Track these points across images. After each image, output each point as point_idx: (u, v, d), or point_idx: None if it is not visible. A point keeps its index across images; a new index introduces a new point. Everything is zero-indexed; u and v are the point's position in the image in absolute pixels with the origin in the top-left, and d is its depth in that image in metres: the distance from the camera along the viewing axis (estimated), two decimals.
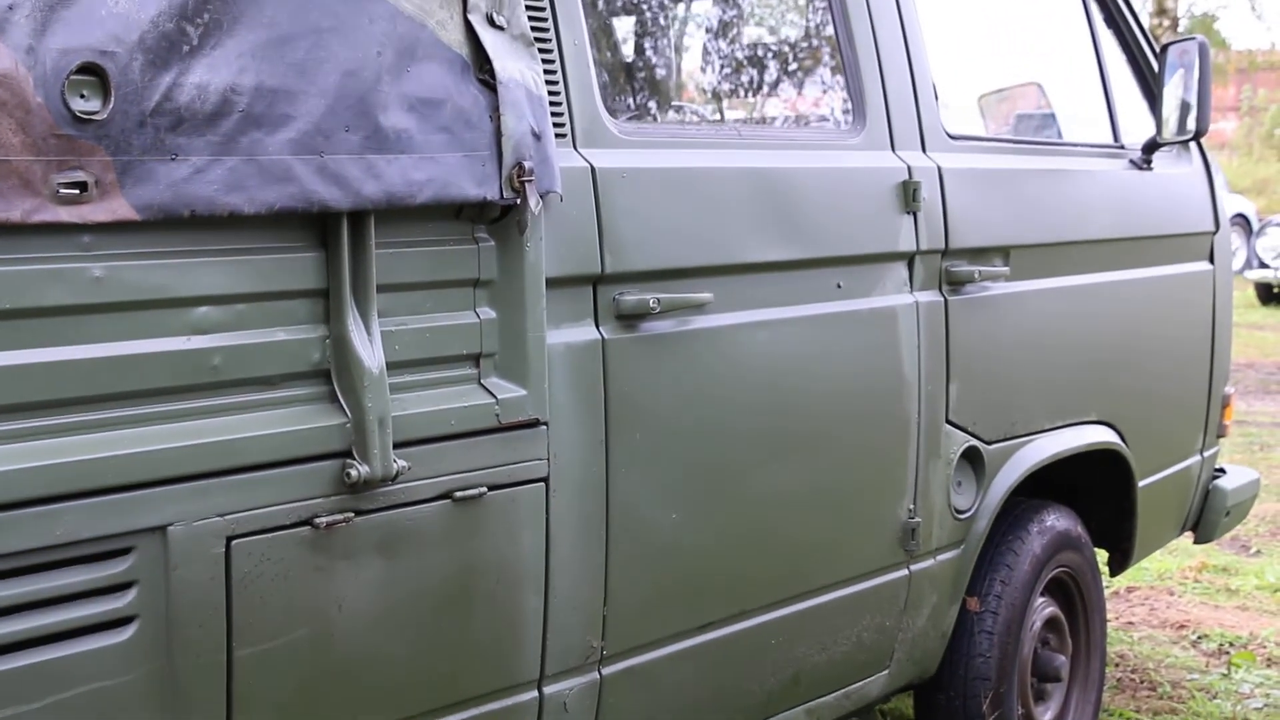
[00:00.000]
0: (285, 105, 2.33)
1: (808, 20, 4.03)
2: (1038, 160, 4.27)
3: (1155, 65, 4.67)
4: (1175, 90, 4.50)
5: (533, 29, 2.78)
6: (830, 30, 3.67)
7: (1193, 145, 4.86)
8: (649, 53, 3.96)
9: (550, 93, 2.81)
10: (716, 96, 4.14)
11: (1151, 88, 4.72)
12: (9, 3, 2.04)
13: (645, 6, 3.91)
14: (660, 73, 4.08)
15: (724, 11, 4.10)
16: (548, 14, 2.88)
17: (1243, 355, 13.81)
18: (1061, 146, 4.67)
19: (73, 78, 2.10)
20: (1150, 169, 4.64)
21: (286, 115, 2.34)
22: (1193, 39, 4.52)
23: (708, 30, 4.20)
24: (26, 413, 2.14)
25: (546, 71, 2.81)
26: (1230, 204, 20.93)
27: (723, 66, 4.23)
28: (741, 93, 4.23)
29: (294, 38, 2.35)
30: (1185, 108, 4.48)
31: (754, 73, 4.19)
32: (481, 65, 2.63)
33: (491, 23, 2.67)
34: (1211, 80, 4.50)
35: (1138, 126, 4.71)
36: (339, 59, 2.40)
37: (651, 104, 3.84)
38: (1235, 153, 35.37)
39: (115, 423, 2.24)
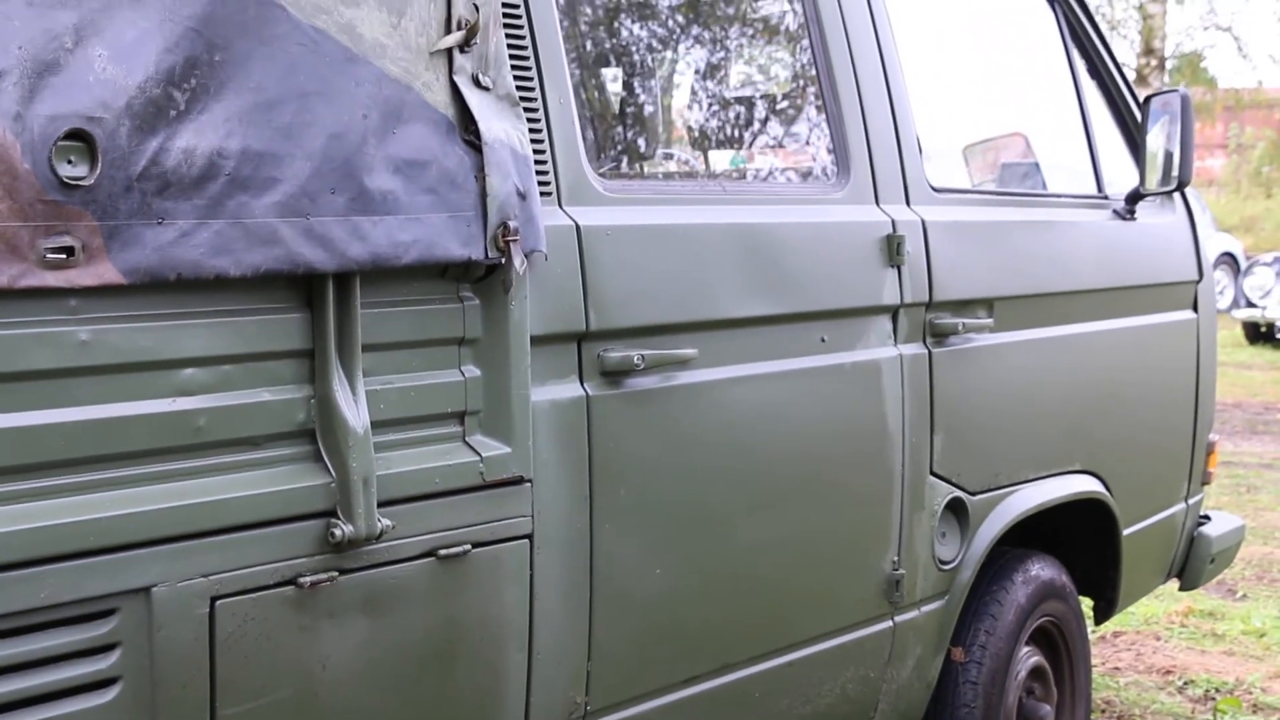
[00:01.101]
0: (271, 168, 2.35)
1: (792, 74, 4.06)
2: (1022, 212, 4.30)
3: (1138, 115, 4.71)
4: (1158, 141, 4.54)
5: (518, 88, 2.80)
6: (814, 84, 3.70)
7: (1176, 194, 4.89)
8: (633, 109, 3.98)
9: (535, 151, 2.83)
10: (701, 151, 4.16)
11: (1135, 137, 4.76)
12: None
13: (629, 63, 3.93)
14: (645, 129, 4.10)
15: (709, 66, 4.13)
16: (533, 73, 2.90)
17: (1230, 395, 13.85)
18: (1045, 198, 4.70)
19: (60, 144, 2.11)
20: (1134, 219, 4.67)
21: (272, 178, 2.36)
22: (1175, 91, 4.56)
23: (692, 85, 4.23)
24: (12, 476, 2.15)
25: (532, 130, 2.83)
26: (1217, 243, 21.08)
27: (707, 121, 4.26)
28: (726, 147, 4.25)
29: (280, 102, 2.37)
30: (1168, 159, 4.51)
31: (739, 127, 4.22)
32: (467, 126, 2.65)
33: (477, 83, 2.69)
34: (1194, 132, 4.54)
35: (1121, 176, 4.74)
36: (325, 122, 2.42)
37: (636, 160, 3.86)
38: (1223, 190, 35.54)
39: (100, 485, 2.25)
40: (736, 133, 4.21)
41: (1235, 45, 29.51)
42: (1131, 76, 22.06)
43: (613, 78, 3.93)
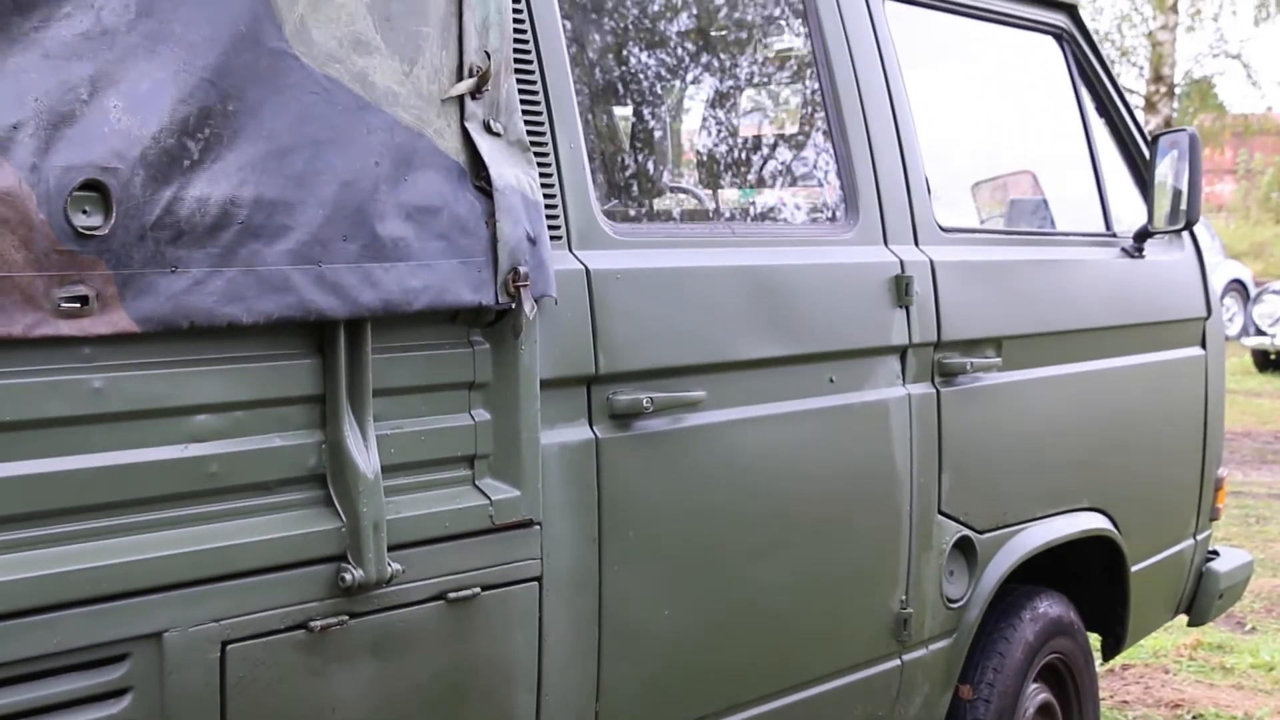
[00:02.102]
0: (284, 216, 2.37)
1: (801, 116, 4.08)
2: (1030, 251, 4.31)
3: (1146, 153, 4.73)
4: (1166, 180, 4.55)
5: (529, 132, 2.82)
6: (823, 126, 3.73)
7: (1184, 232, 4.90)
8: (643, 152, 4.00)
9: (546, 195, 2.86)
10: (711, 193, 4.18)
11: (1143, 175, 4.77)
12: (14, 121, 2.08)
13: (639, 106, 3.95)
14: (655, 172, 4.12)
15: (718, 109, 4.15)
16: (544, 118, 2.93)
17: (1239, 424, 13.83)
18: (1054, 236, 4.72)
19: (75, 194, 2.13)
20: (1142, 256, 4.68)
21: (285, 226, 2.38)
22: (1183, 130, 4.57)
23: (701, 127, 4.25)
24: (27, 523, 2.17)
25: (542, 174, 2.85)
26: (1226, 270, 21.06)
27: (716, 163, 4.28)
28: (735, 189, 4.27)
29: (293, 150, 2.39)
30: (1176, 198, 4.53)
31: (748, 169, 4.24)
32: (478, 172, 2.67)
33: (488, 129, 2.71)
34: (1202, 170, 4.55)
35: (1130, 213, 4.75)
36: (337, 170, 2.44)
37: (646, 203, 3.88)
38: (1232, 216, 35.52)
39: (113, 531, 2.27)
40: (746, 175, 4.23)
41: (1245, 72, 29.48)
42: (1140, 103, 21.99)
43: (622, 121, 3.95)
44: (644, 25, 3.71)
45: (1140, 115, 23.42)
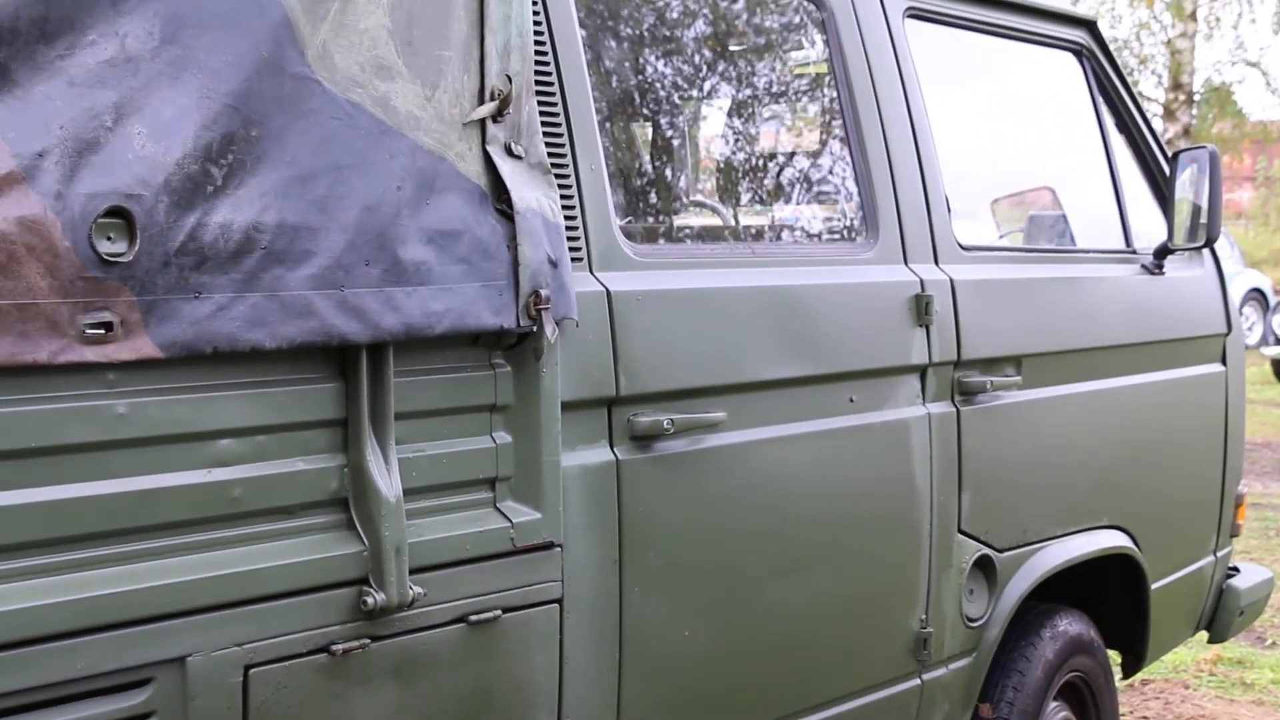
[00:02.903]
0: (307, 241, 2.38)
1: (821, 135, 4.08)
2: (1050, 268, 4.31)
3: (1166, 170, 4.72)
4: (1186, 197, 4.55)
5: (550, 155, 2.83)
6: (843, 145, 3.73)
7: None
8: (664, 173, 4.01)
9: (567, 217, 2.86)
10: (731, 213, 4.19)
11: (1163, 191, 4.76)
12: (39, 149, 2.09)
13: (659, 127, 3.96)
14: (675, 192, 4.13)
15: (738, 128, 4.16)
16: (565, 140, 2.93)
17: (1259, 434, 13.79)
18: (1073, 253, 4.71)
19: (100, 221, 2.14)
20: (1162, 273, 4.68)
21: (308, 251, 2.38)
22: (1203, 147, 4.57)
23: (721, 147, 4.26)
24: (51, 548, 2.18)
25: (563, 197, 2.86)
26: (1245, 279, 21.00)
27: (736, 183, 4.29)
28: (755, 209, 4.28)
29: (316, 175, 2.39)
30: (1196, 215, 4.52)
31: (768, 189, 4.24)
32: (499, 195, 2.68)
33: (510, 152, 2.71)
34: (1222, 187, 4.54)
35: (1149, 229, 4.75)
36: (360, 194, 2.45)
37: (667, 224, 3.89)
38: (1251, 223, 35.44)
39: (137, 556, 2.28)
40: (766, 195, 4.24)
41: (1264, 80, 29.43)
42: (1159, 111, 21.95)
43: (643, 141, 3.96)
44: (663, 46, 3.72)
45: (1159, 123, 23.42)
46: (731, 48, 4.01)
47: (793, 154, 4.26)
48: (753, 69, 4.14)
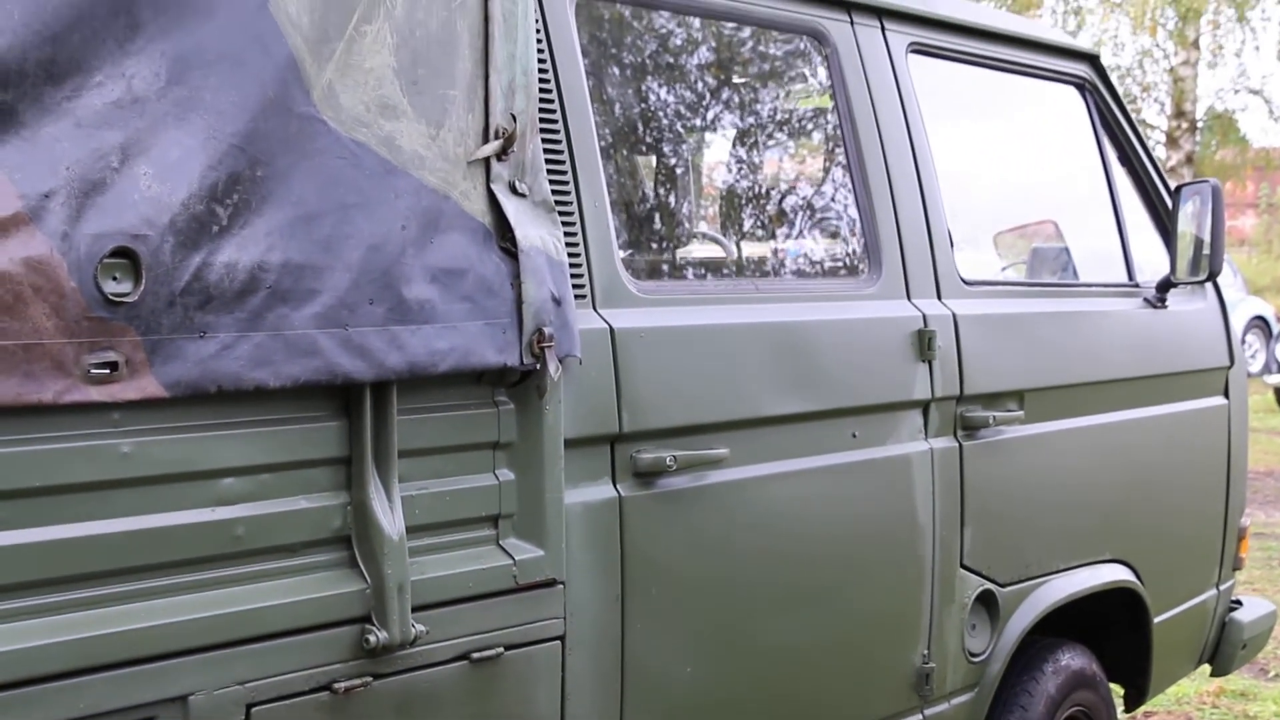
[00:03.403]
0: (311, 280, 2.39)
1: (824, 171, 4.09)
2: (1053, 303, 4.32)
3: (1169, 203, 4.72)
4: (1189, 230, 4.56)
5: (554, 192, 2.84)
6: (847, 179, 3.74)
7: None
8: (667, 209, 4.03)
9: (570, 254, 2.87)
10: (734, 249, 4.20)
11: (1166, 225, 4.77)
12: (46, 190, 2.10)
13: (662, 163, 3.97)
14: (679, 229, 4.14)
15: (741, 164, 4.17)
16: (569, 177, 2.95)
17: (1262, 463, 13.76)
18: (1076, 287, 4.72)
19: (105, 261, 2.15)
20: (1165, 307, 4.68)
21: (312, 290, 2.39)
22: (1205, 182, 4.58)
23: (725, 183, 4.27)
24: (55, 588, 2.19)
25: (567, 234, 2.87)
26: (1248, 307, 20.98)
27: (740, 219, 4.30)
28: (759, 243, 4.29)
29: (321, 214, 2.40)
30: (1199, 249, 4.53)
31: (771, 224, 4.25)
32: (504, 233, 2.69)
33: (514, 190, 2.73)
34: (1225, 221, 4.55)
35: (1152, 262, 4.75)
36: (364, 234, 2.46)
37: (670, 260, 3.90)
38: (1254, 250, 35.44)
39: (139, 595, 2.28)
40: (769, 229, 4.24)
41: (1266, 108, 29.46)
42: (1162, 139, 21.95)
43: (646, 177, 3.97)
44: (667, 82, 3.73)
45: (1161, 150, 23.44)
46: (735, 84, 4.02)
47: (796, 189, 4.27)
48: (756, 104, 4.15)
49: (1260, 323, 21.74)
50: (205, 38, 2.28)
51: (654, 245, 3.84)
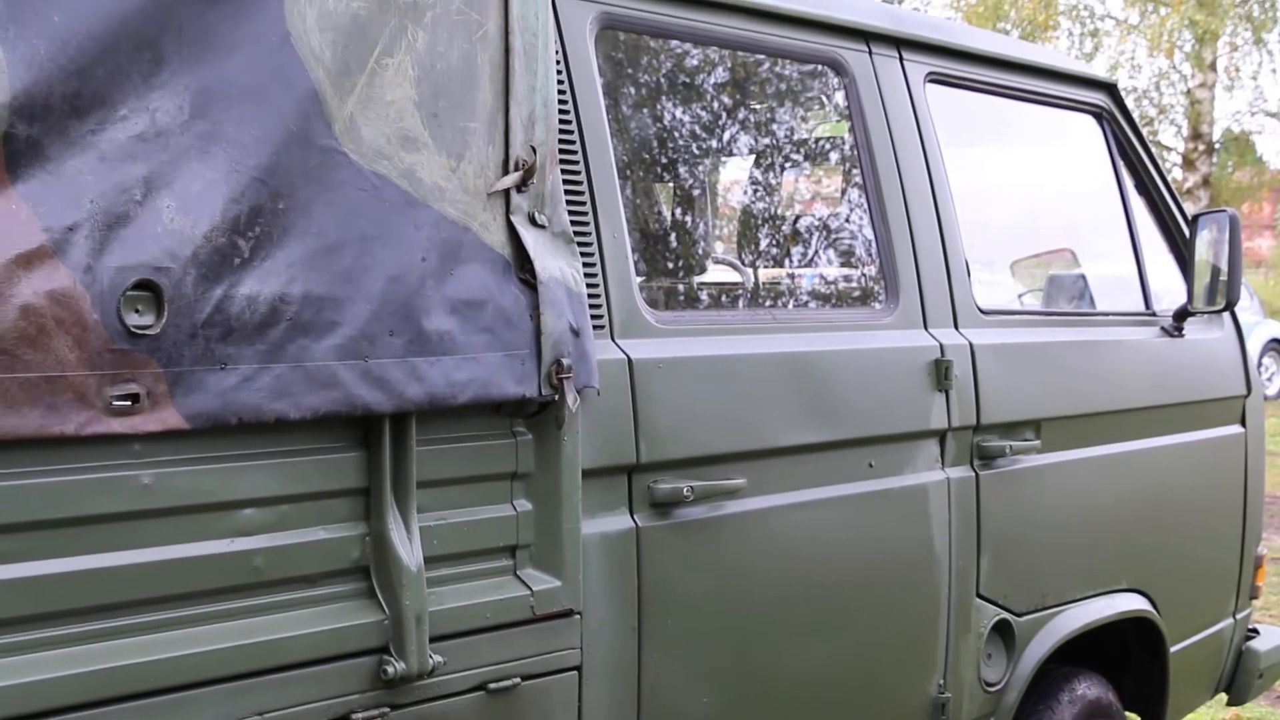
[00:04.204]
0: (332, 312, 2.40)
1: (841, 201, 4.10)
2: (1069, 332, 4.32)
3: (1186, 232, 4.72)
4: (1206, 259, 4.55)
5: (573, 223, 2.84)
6: (864, 209, 3.74)
7: None
8: (685, 239, 4.04)
9: (589, 285, 2.88)
10: (752, 278, 4.21)
11: (1183, 254, 4.76)
12: (70, 223, 2.11)
13: (680, 193, 3.99)
14: (697, 258, 4.16)
15: (759, 194, 4.18)
16: (588, 208, 2.96)
17: (1277, 487, 13.70)
18: (1093, 316, 4.71)
19: (128, 294, 2.16)
20: (1182, 335, 4.67)
21: (333, 322, 2.40)
22: (1223, 211, 4.58)
23: (743, 213, 4.28)
24: (75, 618, 2.19)
25: (586, 265, 2.88)
26: (1265, 330, 20.92)
27: (758, 249, 4.31)
28: (776, 273, 4.30)
29: (341, 246, 2.41)
30: (1216, 279, 4.53)
31: (789, 252, 4.26)
32: (523, 264, 2.69)
33: (533, 222, 2.73)
34: (1242, 250, 4.55)
35: (1168, 290, 4.75)
36: (384, 265, 2.47)
37: (687, 290, 3.91)
38: (1270, 272, 35.37)
39: (159, 626, 2.29)
40: (786, 259, 4.25)
41: None
42: (1178, 161, 21.91)
43: (665, 207, 3.98)
44: (686, 113, 3.74)
45: (1178, 172, 23.40)
46: (753, 115, 4.03)
47: (814, 219, 4.27)
48: (774, 136, 4.16)
49: (1277, 346, 21.68)
50: (229, 71, 2.29)
51: (672, 276, 3.85)
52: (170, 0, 2.23)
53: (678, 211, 4.03)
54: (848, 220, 4.04)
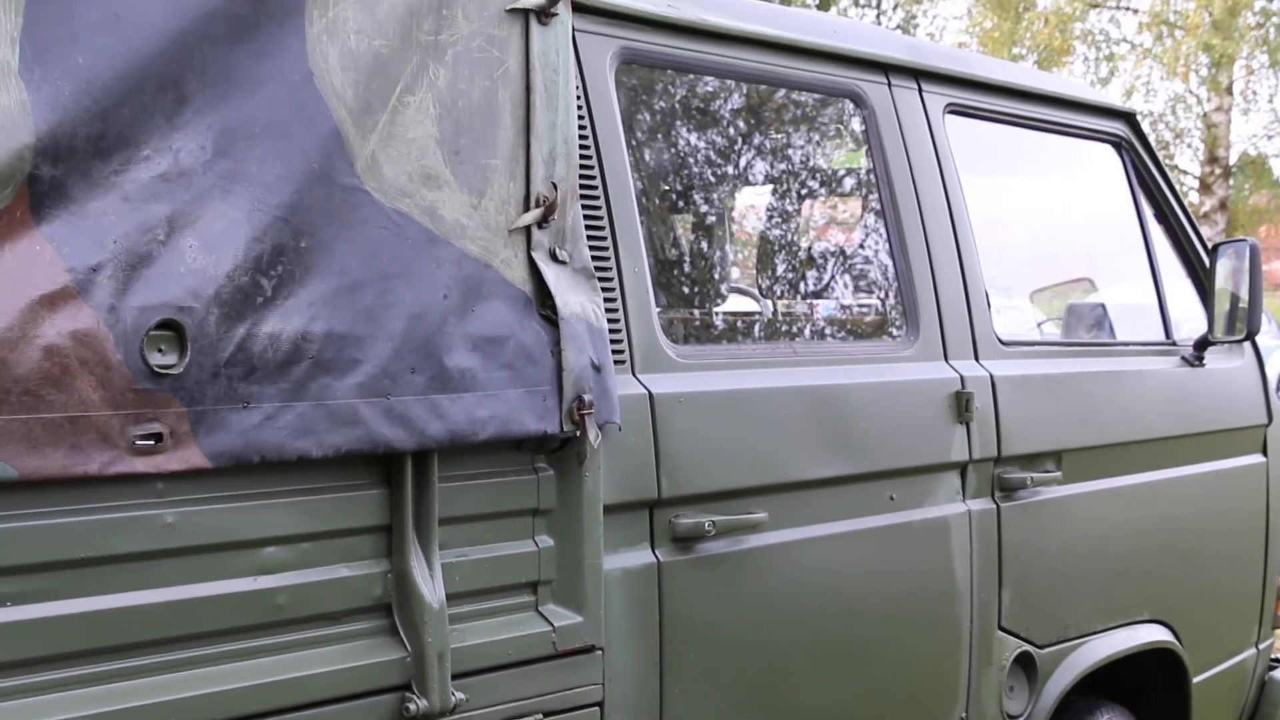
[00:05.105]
0: (354, 350, 2.40)
1: (862, 231, 4.10)
2: (1090, 362, 4.30)
3: (1206, 261, 4.71)
4: (1226, 288, 4.54)
5: (593, 258, 2.84)
6: (884, 240, 3.74)
7: None
8: (706, 273, 4.04)
9: (610, 320, 2.88)
10: (772, 311, 4.21)
11: (1203, 283, 4.76)
12: (94, 264, 2.12)
13: (700, 226, 3.99)
14: (717, 292, 4.15)
15: (779, 227, 4.18)
16: (609, 244, 2.96)
17: None
18: (1113, 346, 4.70)
19: (151, 334, 2.17)
20: (1202, 365, 4.66)
21: (355, 360, 2.40)
22: (1243, 240, 4.56)
23: (763, 246, 4.29)
24: (99, 658, 2.20)
25: (606, 300, 2.88)
26: None
27: (778, 281, 4.31)
28: (796, 306, 4.30)
29: (363, 285, 2.42)
30: (1236, 307, 4.52)
31: (810, 286, 4.26)
32: (544, 300, 2.69)
33: (554, 258, 2.73)
34: (1263, 280, 4.54)
35: (1188, 319, 4.74)
36: (406, 303, 2.47)
37: (707, 324, 3.91)
38: None
39: (182, 664, 2.29)
40: (806, 291, 4.25)
41: None
42: (1195, 184, 21.86)
43: (685, 241, 3.98)
44: (706, 147, 3.75)
45: (1194, 196, 23.36)
46: (773, 147, 4.04)
47: (834, 251, 4.27)
48: (794, 168, 4.16)
49: None
50: (251, 111, 2.30)
51: (692, 310, 3.85)
52: (193, 40, 2.24)
53: (698, 245, 4.03)
54: (868, 252, 4.04)
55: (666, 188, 3.67)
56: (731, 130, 3.85)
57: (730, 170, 3.99)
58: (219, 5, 2.26)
